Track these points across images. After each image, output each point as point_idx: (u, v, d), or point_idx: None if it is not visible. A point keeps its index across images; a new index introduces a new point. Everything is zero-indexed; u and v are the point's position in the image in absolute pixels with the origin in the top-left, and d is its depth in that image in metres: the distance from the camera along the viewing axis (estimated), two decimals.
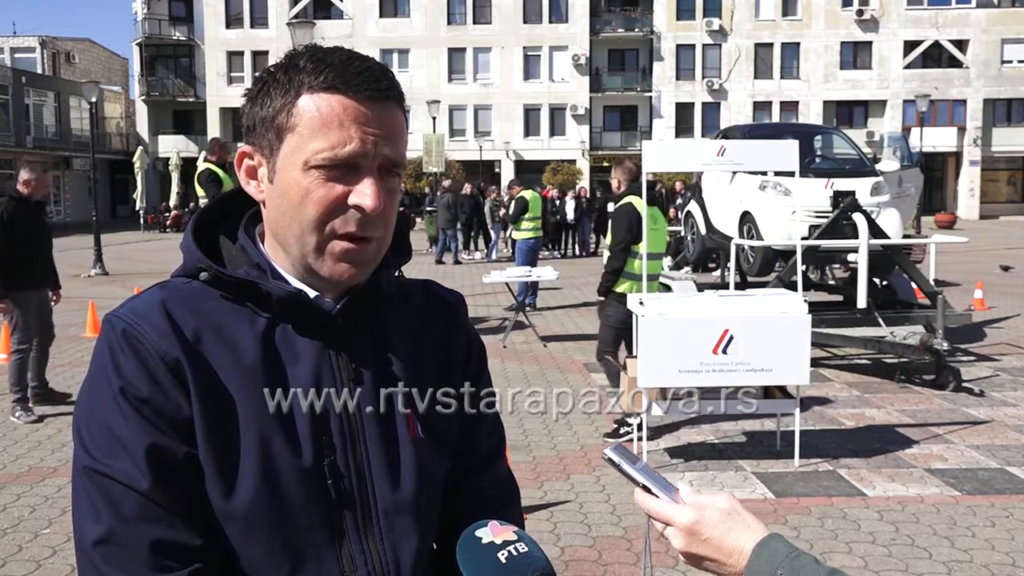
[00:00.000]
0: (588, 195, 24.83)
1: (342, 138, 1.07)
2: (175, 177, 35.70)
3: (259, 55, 43.20)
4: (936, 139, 40.96)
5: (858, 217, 8.67)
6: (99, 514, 1.04)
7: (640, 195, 6.52)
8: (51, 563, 4.39)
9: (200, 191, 8.80)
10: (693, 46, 43.79)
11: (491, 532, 1.08)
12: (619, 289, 6.56)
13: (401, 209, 1.24)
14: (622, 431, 6.43)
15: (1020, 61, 43.40)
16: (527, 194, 14.22)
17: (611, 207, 7.98)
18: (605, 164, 40.36)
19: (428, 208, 23.33)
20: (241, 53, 44.00)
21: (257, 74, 1.17)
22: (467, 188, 22.22)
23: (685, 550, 1.10)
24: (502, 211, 21.52)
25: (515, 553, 1.05)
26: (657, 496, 1.11)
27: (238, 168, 1.16)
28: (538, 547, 1.08)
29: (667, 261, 13.40)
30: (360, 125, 1.08)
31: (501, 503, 1.30)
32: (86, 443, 1.06)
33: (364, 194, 1.08)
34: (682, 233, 14.08)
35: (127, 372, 1.06)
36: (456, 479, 1.28)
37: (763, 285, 9.19)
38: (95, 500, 1.04)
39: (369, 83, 1.08)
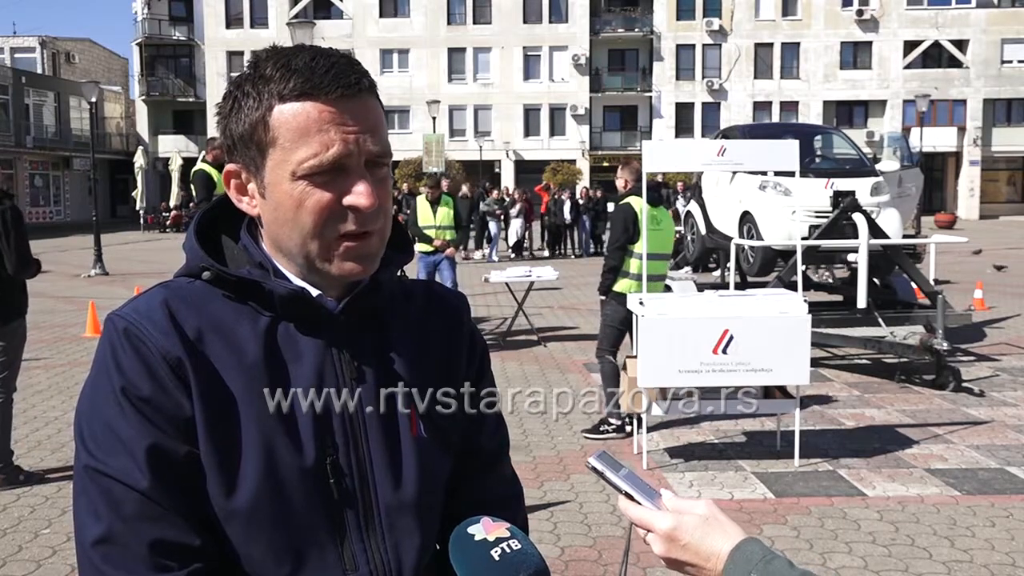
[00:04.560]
0: (596, 196, 23.85)
1: (324, 143, 1.06)
2: (175, 177, 35.66)
3: None
4: (936, 139, 40.95)
5: (858, 217, 8.67)
6: (99, 513, 1.04)
7: (641, 195, 6.56)
8: (51, 563, 4.39)
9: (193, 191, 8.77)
10: (693, 46, 43.78)
11: (483, 529, 1.07)
12: (618, 288, 6.58)
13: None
14: (602, 428, 6.54)
15: (1020, 61, 43.38)
16: (419, 199, 10.60)
17: (611, 207, 7.99)
18: (605, 164, 40.36)
19: None
20: (241, 53, 43.91)
21: (225, 89, 1.15)
22: (464, 189, 21.92)
23: (665, 555, 1.11)
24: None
25: (508, 550, 1.05)
26: (640, 503, 1.13)
27: (227, 187, 1.16)
28: (532, 544, 1.07)
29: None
30: (338, 126, 1.07)
31: (504, 503, 1.29)
32: (87, 442, 1.06)
33: (358, 194, 1.08)
34: (682, 233, 14.07)
35: (128, 371, 1.06)
36: (459, 480, 1.28)
37: (763, 285, 9.19)
38: (95, 499, 1.05)
39: (338, 81, 1.07)
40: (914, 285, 9.37)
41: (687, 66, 44.01)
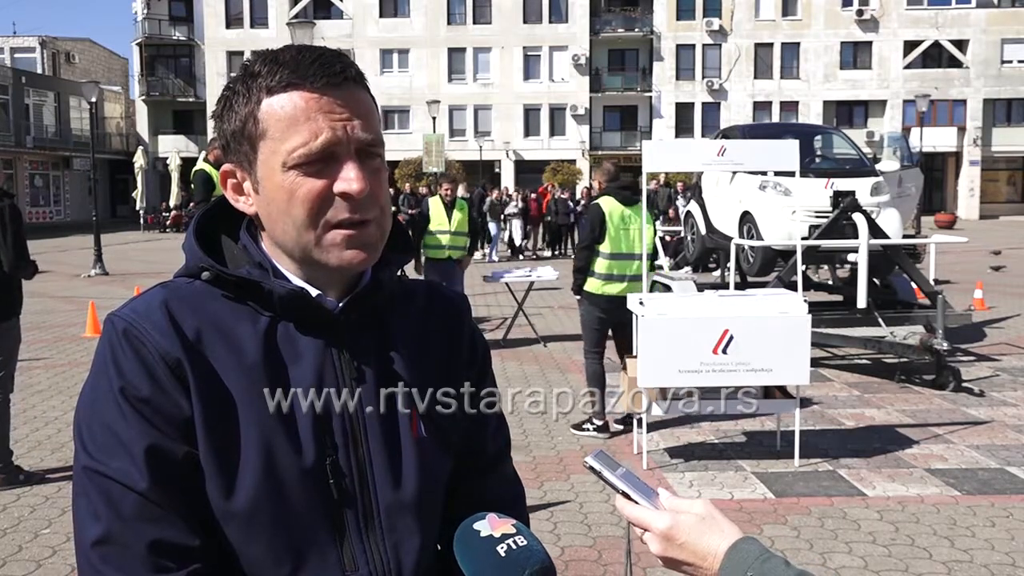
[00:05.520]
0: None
1: (312, 131, 1.07)
2: (175, 177, 35.68)
3: None
4: (936, 139, 40.94)
5: (858, 217, 8.67)
6: (98, 514, 1.04)
7: (615, 196, 6.59)
8: (51, 563, 4.39)
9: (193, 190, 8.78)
10: (693, 46, 43.77)
11: (489, 525, 1.07)
12: (588, 288, 6.63)
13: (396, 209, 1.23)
14: (584, 425, 6.63)
15: (1020, 61, 43.36)
16: (433, 200, 9.85)
17: None
18: None
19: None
20: (241, 53, 43.88)
21: (220, 93, 1.17)
22: (461, 190, 21.72)
23: (662, 554, 1.12)
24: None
25: (514, 546, 1.05)
26: (637, 502, 1.13)
27: (224, 188, 1.16)
28: (537, 540, 1.07)
29: (667, 261, 13.38)
30: (326, 114, 1.07)
31: (507, 504, 1.29)
32: (86, 442, 1.06)
33: (348, 179, 1.08)
34: (682, 233, 14.07)
35: (128, 371, 1.06)
36: (461, 480, 1.27)
37: (763, 285, 9.19)
38: (94, 500, 1.04)
39: (324, 71, 1.08)
40: (914, 285, 9.37)
41: (687, 66, 43.99)
